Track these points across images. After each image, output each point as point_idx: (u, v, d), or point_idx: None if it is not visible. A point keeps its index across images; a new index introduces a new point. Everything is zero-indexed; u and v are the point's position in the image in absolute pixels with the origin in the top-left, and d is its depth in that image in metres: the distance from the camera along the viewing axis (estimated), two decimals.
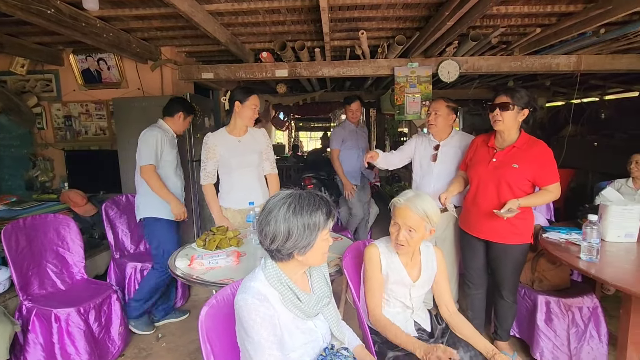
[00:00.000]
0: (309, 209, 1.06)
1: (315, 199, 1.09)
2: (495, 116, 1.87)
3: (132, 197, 2.97)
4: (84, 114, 3.69)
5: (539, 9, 2.53)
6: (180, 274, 1.61)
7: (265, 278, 1.10)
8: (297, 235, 1.04)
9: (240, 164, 2.26)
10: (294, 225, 1.04)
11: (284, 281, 1.10)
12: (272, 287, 1.09)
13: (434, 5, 2.49)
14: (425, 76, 3.50)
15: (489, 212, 1.87)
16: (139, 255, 2.80)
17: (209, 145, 2.22)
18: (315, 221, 1.05)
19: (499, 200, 1.86)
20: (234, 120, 2.26)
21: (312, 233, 1.05)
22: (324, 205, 1.09)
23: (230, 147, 2.24)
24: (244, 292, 1.07)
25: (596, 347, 1.99)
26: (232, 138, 2.26)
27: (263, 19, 2.77)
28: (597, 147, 4.42)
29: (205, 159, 2.24)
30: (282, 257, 1.09)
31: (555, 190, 1.83)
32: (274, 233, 1.05)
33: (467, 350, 1.41)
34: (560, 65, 3.41)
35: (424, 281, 1.50)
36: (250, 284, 1.09)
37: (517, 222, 1.88)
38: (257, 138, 2.36)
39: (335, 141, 3.54)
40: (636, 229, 1.82)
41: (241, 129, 2.28)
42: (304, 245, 1.06)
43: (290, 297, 1.10)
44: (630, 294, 1.38)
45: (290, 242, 1.05)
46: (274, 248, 1.07)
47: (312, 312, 1.15)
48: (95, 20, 2.57)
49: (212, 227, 2.04)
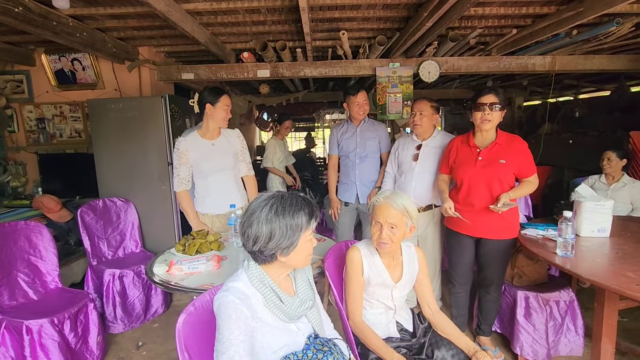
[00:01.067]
0: (292, 209, 1.05)
1: (298, 199, 1.09)
2: (485, 115, 1.92)
3: (110, 201, 2.89)
4: (58, 116, 3.56)
5: (514, 10, 2.59)
6: (158, 281, 1.56)
7: (248, 279, 1.09)
8: (280, 236, 1.04)
9: (215, 168, 2.19)
10: (276, 226, 1.03)
11: (267, 283, 1.09)
12: (255, 288, 1.08)
13: (414, 6, 2.52)
14: (406, 76, 3.53)
15: (484, 210, 1.92)
16: (117, 261, 2.72)
17: (180, 151, 2.13)
18: (298, 222, 1.05)
19: (492, 197, 1.92)
20: (206, 123, 2.17)
21: (294, 234, 1.05)
22: (306, 206, 1.08)
23: (203, 152, 2.15)
24: (225, 290, 1.06)
25: (573, 339, 2.06)
26: (205, 142, 2.17)
27: (243, 19, 2.73)
28: (572, 144, 4.57)
29: (178, 164, 2.13)
30: (265, 259, 1.08)
31: (535, 180, 1.94)
32: (256, 234, 1.04)
33: (449, 349, 1.42)
34: (536, 66, 3.50)
35: (406, 282, 1.50)
36: (232, 284, 1.08)
37: (508, 217, 1.96)
38: (231, 140, 2.28)
39: (329, 145, 2.91)
40: (609, 224, 1.88)
41: (214, 131, 2.20)
42: (286, 245, 1.05)
43: (273, 299, 1.09)
44: (603, 288, 1.42)
45: (272, 243, 1.04)
46: (257, 249, 1.06)
47: (294, 315, 1.14)
48: (67, 19, 2.48)
49: (192, 231, 2.00)
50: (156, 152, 2.95)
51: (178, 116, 3.09)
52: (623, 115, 4.37)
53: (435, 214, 2.42)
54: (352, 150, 2.69)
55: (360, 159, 2.68)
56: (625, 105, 4.27)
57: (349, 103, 2.65)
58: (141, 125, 2.93)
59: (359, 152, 2.68)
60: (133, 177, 2.99)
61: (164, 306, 2.73)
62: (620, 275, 1.41)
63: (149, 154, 2.96)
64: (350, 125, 2.74)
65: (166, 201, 3.00)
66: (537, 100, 6.36)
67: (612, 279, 1.38)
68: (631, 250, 1.68)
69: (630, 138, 3.37)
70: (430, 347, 1.45)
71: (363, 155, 2.68)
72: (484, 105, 1.91)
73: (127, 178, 2.99)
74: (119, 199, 2.94)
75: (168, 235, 3.03)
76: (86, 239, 2.62)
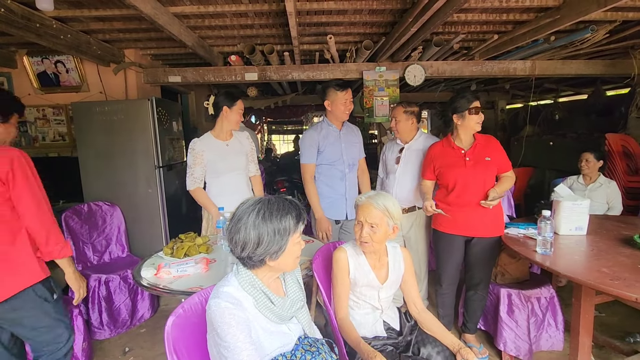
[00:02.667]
0: (279, 214, 1.05)
1: (285, 203, 1.09)
2: (480, 119, 2.04)
3: (95, 205, 2.85)
4: (41, 119, 3.49)
5: (495, 17, 2.68)
6: (146, 284, 1.56)
7: (239, 284, 1.09)
8: (268, 241, 1.04)
9: (228, 168, 2.28)
10: (264, 231, 1.03)
11: (257, 286, 1.10)
12: (246, 292, 1.08)
13: (399, 11, 2.58)
14: (392, 80, 3.60)
15: (477, 208, 1.99)
16: (103, 266, 2.68)
17: (196, 151, 2.21)
18: (286, 226, 1.05)
19: (485, 194, 2.00)
20: (220, 124, 2.28)
21: (282, 238, 1.05)
22: (293, 209, 1.08)
23: (218, 152, 2.25)
24: (216, 297, 1.05)
25: (553, 334, 2.13)
26: (220, 142, 2.28)
27: (231, 22, 2.74)
28: (553, 146, 4.72)
29: (193, 164, 2.22)
30: (254, 264, 1.08)
31: (512, 175, 2.08)
32: (244, 240, 1.04)
33: (435, 346, 1.45)
34: (517, 70, 3.62)
35: (392, 282, 1.53)
36: (222, 289, 1.08)
37: (497, 214, 2.06)
38: (243, 141, 2.40)
39: (305, 151, 2.33)
40: (585, 222, 1.96)
41: (227, 132, 2.31)
42: (275, 250, 1.06)
43: (264, 301, 1.10)
44: (580, 283, 1.48)
45: (261, 249, 1.04)
46: (245, 256, 1.06)
47: (286, 316, 1.15)
48: (51, 20, 2.45)
49: (181, 235, 1.99)
50: (143, 156, 2.93)
51: (165, 119, 3.07)
52: (599, 117, 4.54)
53: (418, 215, 2.46)
54: (338, 158, 2.33)
55: (349, 167, 2.38)
56: (601, 108, 4.44)
57: (334, 100, 2.26)
58: (127, 128, 2.90)
59: (346, 160, 2.35)
60: (119, 181, 2.96)
61: (151, 311, 2.70)
62: (595, 271, 1.47)
63: (135, 158, 2.94)
64: (332, 128, 2.35)
65: (153, 205, 2.98)
66: (519, 104, 6.55)
67: (588, 275, 1.44)
68: (606, 247, 1.76)
69: (606, 140, 3.50)
70: (416, 345, 1.49)
71: (351, 163, 2.39)
72: (479, 109, 2.02)
73: (113, 182, 2.96)
74: (105, 203, 2.90)
75: (155, 239, 3.01)
76: (71, 244, 2.57)
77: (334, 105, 2.29)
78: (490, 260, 2.12)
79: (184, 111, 4.71)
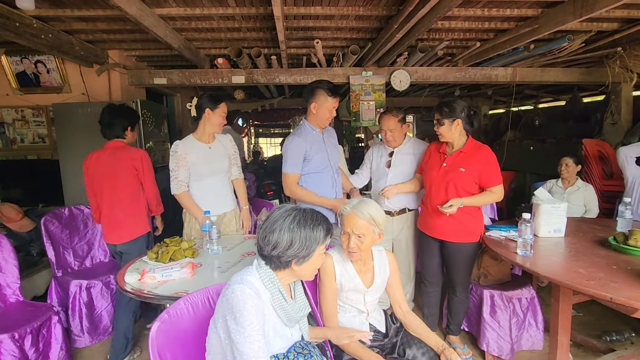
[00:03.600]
0: (312, 223, 1.13)
1: (318, 215, 1.17)
2: (436, 130, 2.09)
3: (77, 209, 2.77)
4: (20, 120, 3.39)
5: (478, 25, 2.76)
6: (130, 290, 1.53)
7: (259, 277, 1.13)
8: (299, 245, 1.10)
9: (212, 171, 2.25)
10: (297, 236, 1.10)
11: (276, 283, 1.14)
12: (265, 286, 1.13)
13: (384, 18, 2.62)
14: (378, 85, 3.65)
15: (440, 213, 2.00)
16: (84, 271, 2.61)
17: (179, 154, 2.17)
18: (316, 235, 1.13)
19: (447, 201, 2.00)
20: (203, 127, 2.25)
21: (312, 245, 1.12)
22: (324, 222, 1.17)
23: (201, 155, 2.22)
24: (240, 282, 1.09)
25: (534, 333, 2.19)
26: (202, 145, 2.25)
27: (218, 25, 2.74)
28: (533, 150, 4.86)
29: (176, 167, 2.17)
30: (279, 265, 1.13)
31: (499, 191, 1.99)
32: (277, 241, 1.10)
33: (420, 347, 1.47)
34: (499, 77, 3.73)
35: (378, 286, 1.55)
36: (247, 277, 1.12)
37: (468, 221, 2.04)
38: (225, 144, 2.38)
39: (293, 160, 2.11)
40: (563, 224, 2.03)
41: (210, 135, 2.28)
42: (303, 255, 1.12)
43: (279, 300, 1.14)
44: (558, 284, 1.53)
45: (291, 251, 1.10)
46: (275, 254, 1.11)
47: (294, 318, 1.19)
48: (32, 19, 2.39)
49: (166, 239, 1.96)
50: None
51: (150, 121, 3.03)
52: (576, 123, 4.71)
53: (408, 217, 2.51)
54: (326, 165, 2.19)
55: (337, 173, 2.27)
56: (578, 114, 4.60)
57: (322, 104, 2.08)
58: None
59: (334, 165, 2.24)
60: None
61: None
62: (572, 272, 1.52)
63: None
64: (316, 133, 2.18)
65: None
66: (501, 109, 6.72)
67: (566, 276, 1.50)
68: (583, 249, 1.82)
69: (582, 145, 3.63)
70: (402, 347, 1.51)
71: (336, 167, 2.28)
72: (436, 120, 2.07)
73: None
74: (86, 207, 2.82)
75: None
76: (50, 249, 2.50)
77: (321, 110, 2.10)
78: (464, 265, 2.12)
79: (169, 113, 4.65)
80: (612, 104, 3.89)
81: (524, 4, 2.42)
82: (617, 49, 3.20)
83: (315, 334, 1.37)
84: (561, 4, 2.34)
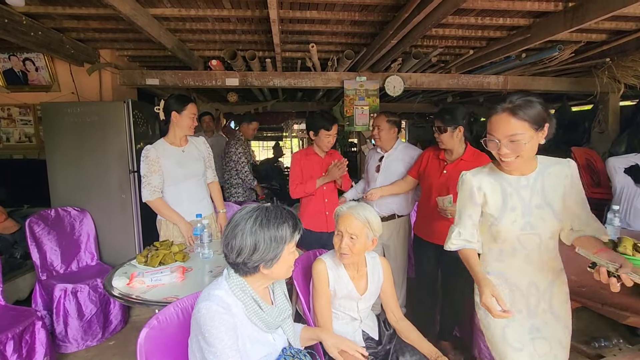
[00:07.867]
0: (276, 221, 1.06)
1: (282, 212, 1.10)
2: (437, 137, 2.07)
3: (63, 211, 2.71)
4: (6, 119, 3.31)
5: (471, 33, 2.79)
6: (118, 294, 1.49)
7: (229, 288, 1.08)
8: (264, 248, 1.04)
9: (187, 175, 2.17)
10: (260, 238, 1.04)
11: (248, 292, 1.09)
12: (236, 297, 1.08)
13: (380, 23, 2.64)
14: (372, 90, 3.66)
15: (440, 217, 2.01)
16: (70, 275, 2.54)
17: (151, 159, 2.06)
18: (282, 234, 1.06)
19: None
20: (173, 130, 2.16)
21: (278, 246, 1.06)
22: (290, 219, 1.10)
23: (175, 158, 2.14)
24: (207, 299, 1.04)
25: None
26: (175, 149, 2.16)
27: (212, 27, 2.72)
28: None
29: (149, 172, 2.06)
30: (247, 271, 1.08)
31: None
32: (240, 246, 1.04)
33: (413, 354, 1.47)
34: (491, 84, 3.78)
35: (371, 293, 1.54)
36: (214, 292, 1.07)
37: None
38: (199, 146, 2.30)
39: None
40: None
41: (182, 138, 2.19)
42: (270, 258, 1.06)
43: (254, 308, 1.09)
44: None
45: (256, 255, 1.05)
46: (240, 261, 1.06)
47: (273, 324, 1.15)
48: (21, 16, 2.34)
49: (155, 242, 1.92)
50: (116, 160, 2.82)
51: (142, 122, 2.98)
52: (565, 132, 4.79)
53: (398, 223, 2.50)
54: None
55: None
56: (567, 123, 4.69)
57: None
58: (101, 131, 2.79)
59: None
60: (90, 186, 2.83)
61: (122, 323, 2.58)
62: None
63: (108, 162, 2.82)
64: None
65: (126, 211, 2.86)
66: None
67: None
68: (573, 256, 1.83)
69: (572, 153, 3.70)
70: (395, 354, 1.49)
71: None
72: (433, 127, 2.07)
73: (84, 186, 2.83)
74: (74, 209, 2.76)
75: (128, 246, 2.89)
76: (35, 252, 2.43)
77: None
78: (461, 271, 2.13)
79: None
80: (600, 114, 3.97)
81: (517, 13, 2.46)
82: (605, 60, 3.28)
83: (309, 335, 1.34)
84: (552, 15, 2.39)
